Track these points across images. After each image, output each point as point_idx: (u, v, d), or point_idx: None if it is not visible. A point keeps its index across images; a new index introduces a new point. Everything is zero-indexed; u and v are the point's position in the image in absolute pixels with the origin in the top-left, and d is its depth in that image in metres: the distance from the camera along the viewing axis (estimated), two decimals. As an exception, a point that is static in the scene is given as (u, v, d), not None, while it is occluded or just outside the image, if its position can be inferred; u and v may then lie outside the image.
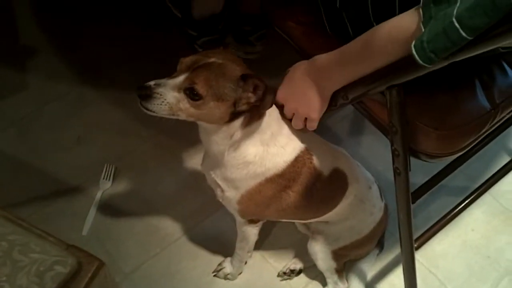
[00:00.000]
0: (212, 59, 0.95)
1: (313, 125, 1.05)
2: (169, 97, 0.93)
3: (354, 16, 1.05)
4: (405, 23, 0.82)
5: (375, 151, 1.68)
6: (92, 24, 2.00)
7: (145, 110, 0.95)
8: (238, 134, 1.01)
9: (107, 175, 1.62)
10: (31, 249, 0.88)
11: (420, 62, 0.78)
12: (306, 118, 1.04)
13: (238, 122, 0.99)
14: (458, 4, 0.73)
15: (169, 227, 1.54)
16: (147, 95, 0.92)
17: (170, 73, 0.97)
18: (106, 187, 1.60)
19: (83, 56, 1.92)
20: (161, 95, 0.92)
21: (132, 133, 1.73)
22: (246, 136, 1.02)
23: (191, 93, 0.92)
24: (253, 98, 0.95)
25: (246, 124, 1.00)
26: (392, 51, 0.85)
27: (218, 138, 1.02)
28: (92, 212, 1.54)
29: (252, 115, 0.99)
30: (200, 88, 0.92)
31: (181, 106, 0.94)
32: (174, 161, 1.68)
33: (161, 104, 0.93)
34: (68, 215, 1.54)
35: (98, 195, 1.58)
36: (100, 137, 1.72)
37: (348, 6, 1.06)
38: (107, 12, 2.02)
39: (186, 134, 1.67)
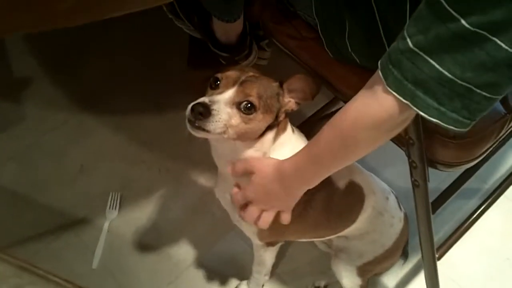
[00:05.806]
0: (250, 73, 0.93)
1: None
2: (223, 114, 0.87)
3: (361, 47, 1.00)
4: (368, 104, 0.75)
5: (383, 160, 1.65)
6: (88, 50, 1.97)
7: (198, 132, 0.87)
8: (270, 147, 0.98)
9: (113, 204, 1.58)
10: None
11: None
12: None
13: (271, 135, 0.97)
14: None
15: (181, 253, 1.50)
16: (206, 112, 0.85)
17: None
18: (112, 217, 1.57)
19: (80, 82, 1.88)
20: (218, 111, 0.87)
21: (135, 159, 1.69)
22: (277, 149, 0.99)
23: (245, 107, 0.89)
24: (292, 101, 0.96)
25: (276, 137, 0.98)
26: (370, 139, 0.81)
27: (253, 153, 0.97)
28: (101, 243, 1.51)
29: (279, 129, 0.98)
30: (255, 100, 0.89)
31: (232, 122, 0.89)
32: (180, 185, 1.65)
33: (218, 121, 0.86)
34: (76, 248, 1.50)
35: (106, 225, 1.54)
36: (103, 165, 1.68)
37: (356, 38, 1.01)
38: (104, 37, 1.98)
39: (189, 156, 1.65)
